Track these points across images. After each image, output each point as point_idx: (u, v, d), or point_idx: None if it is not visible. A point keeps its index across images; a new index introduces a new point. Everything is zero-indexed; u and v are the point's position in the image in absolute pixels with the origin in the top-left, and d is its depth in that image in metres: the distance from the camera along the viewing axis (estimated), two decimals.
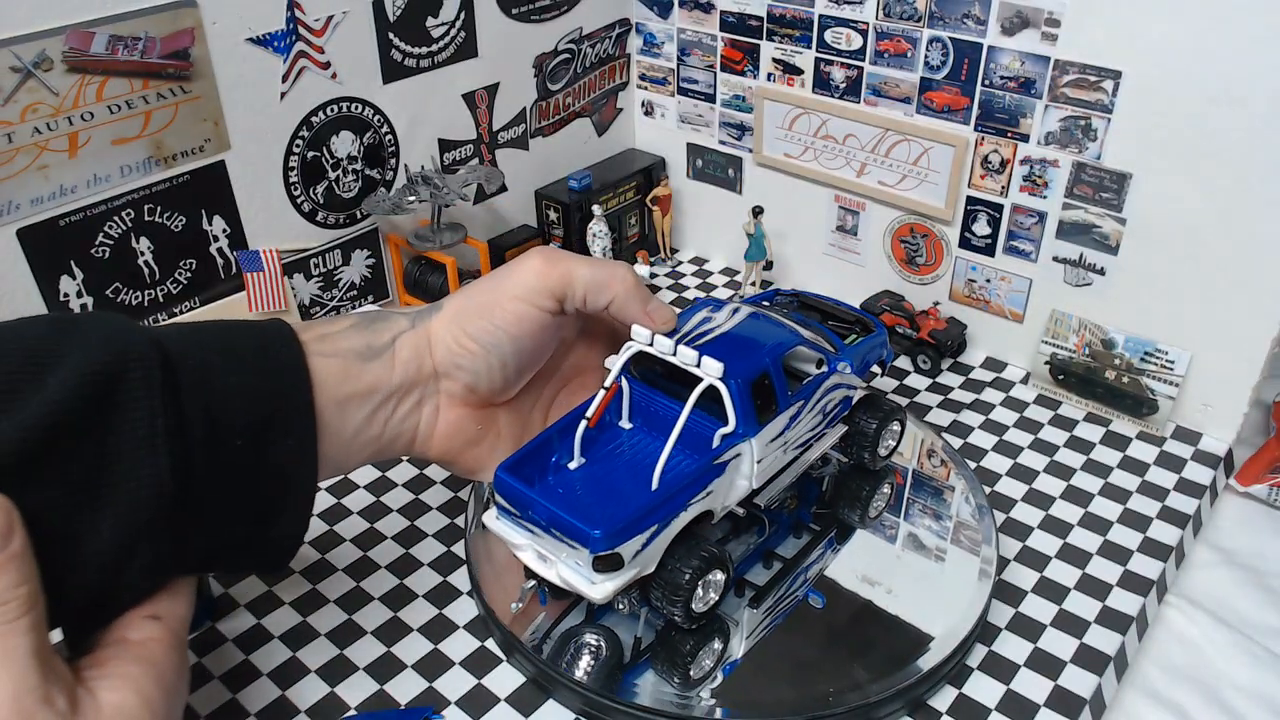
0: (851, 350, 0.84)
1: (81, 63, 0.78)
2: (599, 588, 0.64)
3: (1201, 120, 0.87)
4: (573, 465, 0.71)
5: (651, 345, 0.71)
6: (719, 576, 0.69)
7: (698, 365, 0.68)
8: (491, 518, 0.70)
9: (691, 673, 0.70)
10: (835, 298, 0.96)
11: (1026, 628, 0.78)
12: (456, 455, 0.71)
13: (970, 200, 1.05)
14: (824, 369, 0.79)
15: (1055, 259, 1.02)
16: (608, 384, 0.72)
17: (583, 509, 0.65)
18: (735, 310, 0.79)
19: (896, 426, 0.89)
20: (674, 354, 0.69)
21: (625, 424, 0.76)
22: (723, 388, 0.68)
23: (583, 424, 0.70)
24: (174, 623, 0.55)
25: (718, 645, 0.73)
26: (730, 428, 0.69)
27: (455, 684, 0.74)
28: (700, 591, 0.67)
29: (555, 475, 0.71)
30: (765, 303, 0.93)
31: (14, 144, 0.76)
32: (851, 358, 0.83)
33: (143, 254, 0.88)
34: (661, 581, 0.67)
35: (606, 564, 0.63)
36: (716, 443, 0.69)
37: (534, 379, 0.74)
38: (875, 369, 0.90)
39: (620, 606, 0.71)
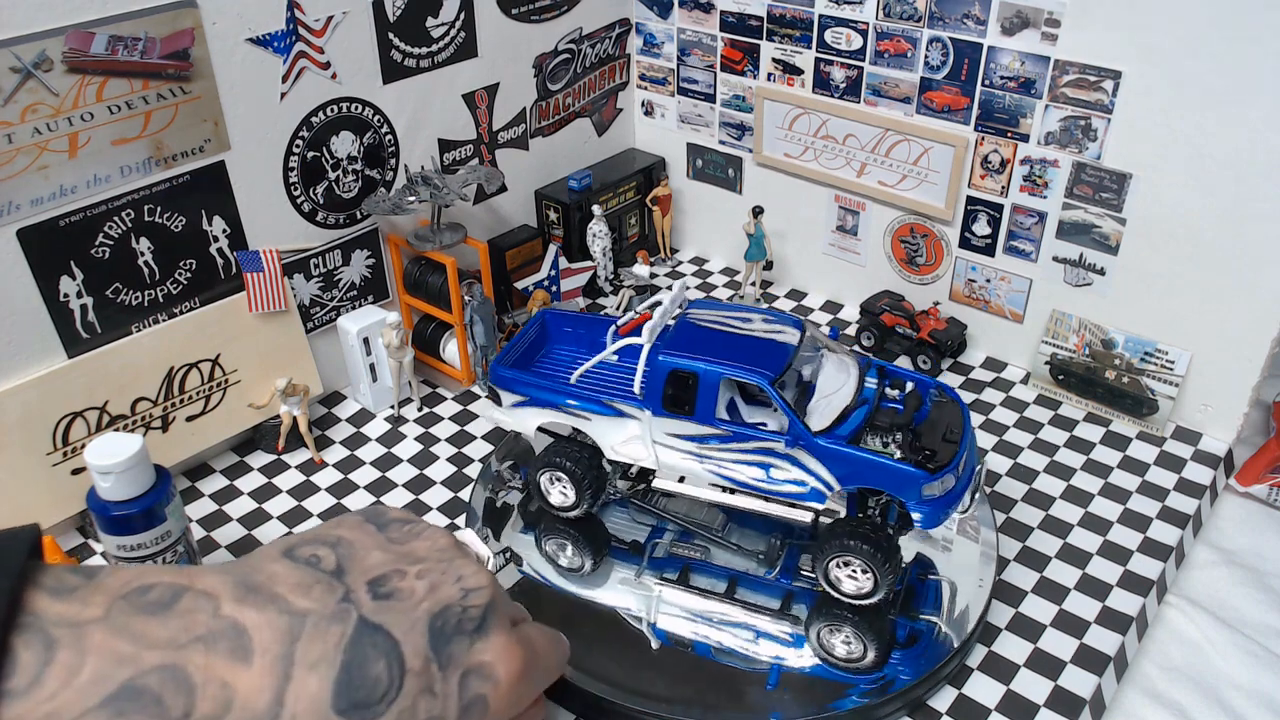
0: (825, 445, 0.71)
1: (81, 63, 0.78)
2: (489, 407, 0.86)
3: (1201, 120, 0.87)
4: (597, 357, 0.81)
5: (661, 303, 0.79)
6: (568, 489, 0.82)
7: (646, 321, 0.78)
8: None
9: (548, 549, 0.84)
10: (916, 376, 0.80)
11: (1026, 628, 0.78)
12: None
13: (970, 200, 1.05)
14: (780, 432, 0.72)
15: (1055, 259, 1.02)
16: (641, 309, 0.80)
17: (519, 361, 0.84)
18: (786, 333, 0.75)
19: (856, 570, 0.72)
20: (654, 310, 0.78)
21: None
22: (644, 351, 0.75)
23: (612, 327, 0.81)
24: None
25: (590, 556, 0.83)
26: (635, 388, 0.76)
27: None
28: (548, 486, 0.83)
29: (559, 356, 0.87)
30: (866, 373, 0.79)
31: (14, 144, 0.76)
32: (822, 450, 0.71)
33: (143, 254, 0.88)
34: (533, 462, 0.83)
35: (492, 394, 0.85)
36: (635, 391, 0.77)
37: None
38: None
39: (506, 476, 0.92)
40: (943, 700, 0.72)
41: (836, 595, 0.74)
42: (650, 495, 0.86)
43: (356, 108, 1.00)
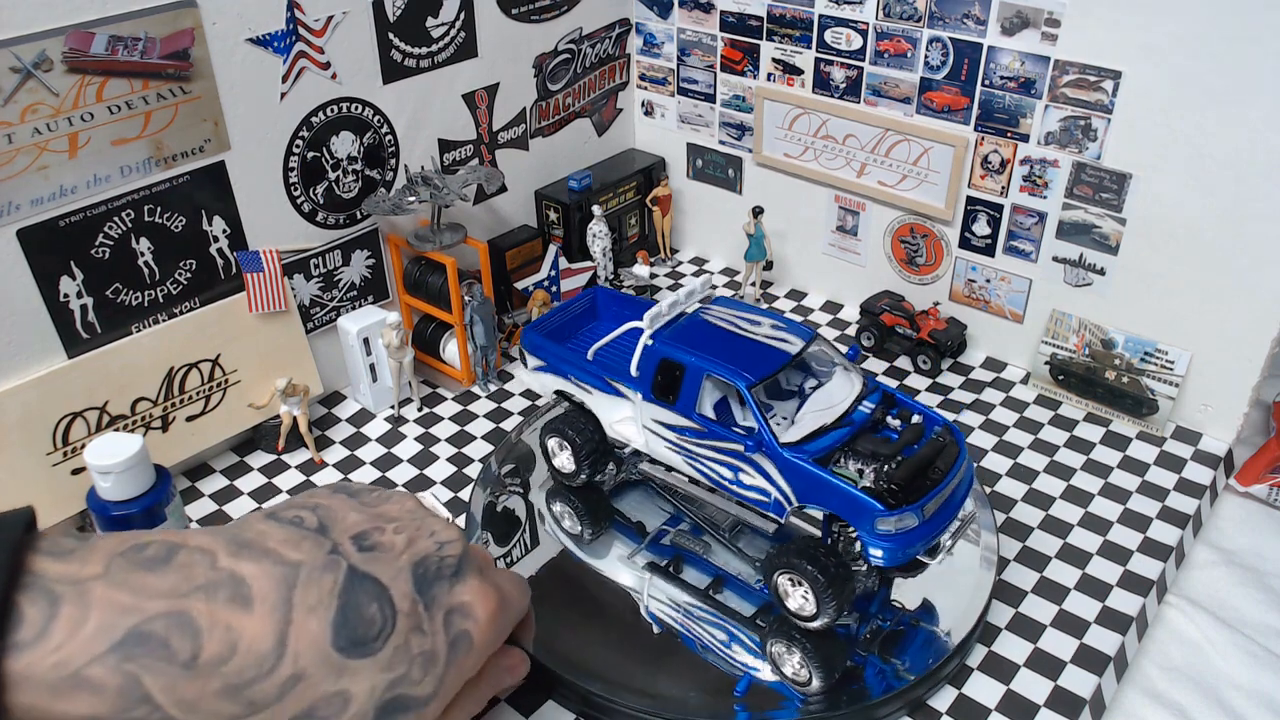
0: (785, 457, 0.70)
1: (81, 63, 0.78)
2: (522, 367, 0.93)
3: (1201, 120, 0.87)
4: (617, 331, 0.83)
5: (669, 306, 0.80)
6: (568, 455, 0.86)
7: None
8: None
9: (555, 510, 0.88)
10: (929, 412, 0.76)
11: (1026, 628, 0.78)
12: None
13: (970, 200, 1.05)
14: (748, 435, 0.72)
15: (1055, 259, 1.02)
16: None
17: (555, 330, 0.89)
18: (789, 342, 0.76)
19: (802, 593, 0.71)
20: (665, 307, 0.80)
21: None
22: (644, 336, 0.77)
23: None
24: None
25: (589, 528, 0.86)
26: (632, 370, 0.78)
27: None
28: (556, 451, 0.87)
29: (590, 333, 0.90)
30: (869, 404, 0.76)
31: (14, 144, 0.76)
32: (783, 462, 0.70)
33: (143, 254, 0.88)
34: (546, 425, 0.88)
35: (522, 355, 0.89)
36: (631, 372, 0.79)
37: None
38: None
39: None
40: (943, 700, 0.72)
41: (783, 609, 0.73)
42: (671, 488, 0.88)
43: (356, 108, 1.00)
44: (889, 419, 0.75)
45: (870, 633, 0.75)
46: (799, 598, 0.71)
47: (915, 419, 0.74)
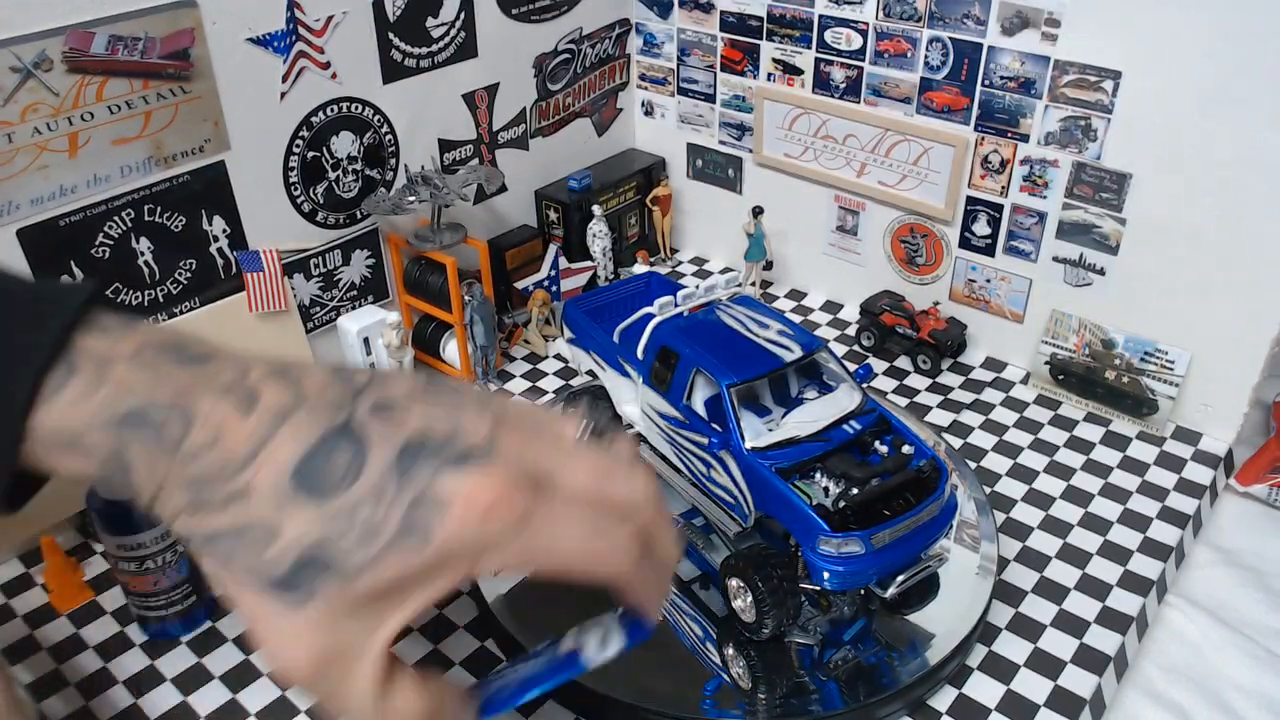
0: (747, 459, 0.70)
1: (81, 63, 0.78)
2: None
3: (1201, 120, 0.87)
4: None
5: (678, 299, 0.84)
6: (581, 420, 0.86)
7: (658, 295, 0.84)
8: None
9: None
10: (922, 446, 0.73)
11: (1026, 628, 0.78)
12: None
13: (970, 200, 1.05)
14: (717, 431, 0.73)
15: (1055, 259, 1.02)
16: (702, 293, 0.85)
17: (596, 307, 0.92)
18: (789, 350, 0.76)
19: (748, 600, 0.70)
20: (676, 301, 0.83)
21: None
22: (652, 322, 0.81)
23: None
24: None
25: None
26: (639, 352, 0.81)
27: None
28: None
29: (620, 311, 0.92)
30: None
31: (14, 144, 0.76)
32: (744, 464, 0.71)
33: (143, 254, 0.88)
34: (573, 393, 0.94)
35: (562, 330, 0.95)
36: (638, 354, 0.81)
37: None
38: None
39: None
40: (943, 700, 0.72)
41: (730, 612, 0.73)
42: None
43: (356, 108, 1.00)
44: (878, 444, 0.73)
45: (839, 660, 0.72)
46: (743, 603, 0.71)
47: (906, 448, 0.72)
